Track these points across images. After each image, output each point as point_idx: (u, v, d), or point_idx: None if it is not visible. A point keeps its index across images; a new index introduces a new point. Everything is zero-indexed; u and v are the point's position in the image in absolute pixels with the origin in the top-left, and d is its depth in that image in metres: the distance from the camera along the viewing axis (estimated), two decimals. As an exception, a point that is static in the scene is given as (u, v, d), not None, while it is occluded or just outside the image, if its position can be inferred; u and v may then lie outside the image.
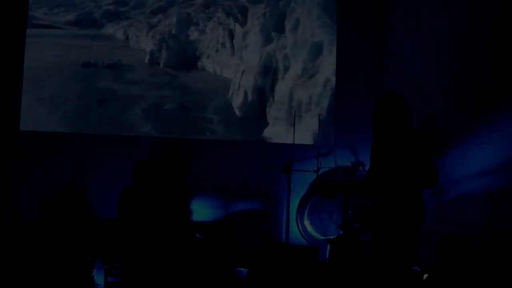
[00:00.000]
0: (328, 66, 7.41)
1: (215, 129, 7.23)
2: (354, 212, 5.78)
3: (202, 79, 7.37)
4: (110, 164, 6.69)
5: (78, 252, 5.87)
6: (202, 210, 6.83)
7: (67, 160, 6.73)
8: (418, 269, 5.48)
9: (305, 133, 7.18)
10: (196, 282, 5.66)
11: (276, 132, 7.24)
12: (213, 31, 7.46)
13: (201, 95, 7.30)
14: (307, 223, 6.84)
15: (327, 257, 5.63)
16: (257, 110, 7.35)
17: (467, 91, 5.77)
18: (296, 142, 6.85)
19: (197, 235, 6.24)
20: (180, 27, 7.40)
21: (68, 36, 7.17)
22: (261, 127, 7.31)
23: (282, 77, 7.41)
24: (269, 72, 7.42)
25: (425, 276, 4.84)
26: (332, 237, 6.15)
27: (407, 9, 6.99)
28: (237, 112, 7.33)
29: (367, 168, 6.40)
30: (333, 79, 7.35)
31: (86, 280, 5.56)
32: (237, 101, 7.35)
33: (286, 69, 7.41)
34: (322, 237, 6.70)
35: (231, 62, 7.42)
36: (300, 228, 6.87)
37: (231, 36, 7.46)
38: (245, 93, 7.35)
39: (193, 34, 7.44)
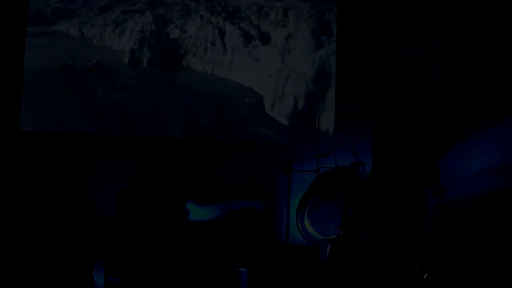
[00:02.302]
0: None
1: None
2: (354, 212, 5.78)
3: (200, 80, 7.09)
4: (110, 164, 6.70)
5: (78, 252, 5.87)
6: (202, 210, 6.83)
7: (67, 160, 6.73)
8: (418, 269, 5.48)
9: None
10: (196, 282, 5.66)
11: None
12: (200, 30, 7.12)
13: (221, 101, 6.96)
14: (307, 223, 6.84)
15: (327, 257, 5.63)
16: (307, 118, 6.95)
17: (468, 91, 5.77)
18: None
19: None
20: (158, 25, 7.08)
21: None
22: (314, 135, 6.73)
23: (335, 83, 7.03)
24: (321, 78, 7.06)
25: (425, 275, 4.85)
26: (332, 237, 6.14)
27: (409, 9, 6.98)
28: (284, 121, 6.90)
29: (367, 168, 6.42)
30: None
31: (86, 280, 5.56)
32: (282, 109, 6.94)
33: None
34: (322, 237, 6.70)
35: (224, 61, 7.11)
36: (300, 228, 6.87)
37: (222, 34, 7.15)
38: (295, 100, 6.92)
39: (174, 32, 7.11)
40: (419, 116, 5.88)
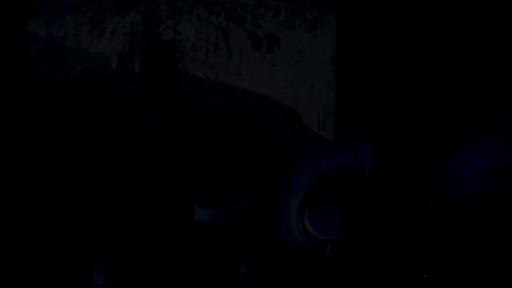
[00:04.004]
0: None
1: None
2: (354, 212, 5.78)
3: (209, 89, 6.58)
4: (110, 164, 6.70)
5: (78, 252, 5.88)
6: (202, 210, 6.83)
7: (67, 160, 6.74)
8: (418, 269, 5.49)
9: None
10: (196, 282, 5.66)
11: None
12: (200, 31, 6.58)
13: (252, 121, 6.42)
14: (307, 223, 6.84)
15: (327, 257, 5.64)
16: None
17: (468, 91, 5.78)
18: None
19: None
20: (149, 26, 6.52)
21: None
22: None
23: (335, 83, 6.59)
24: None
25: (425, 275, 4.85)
26: (332, 237, 6.15)
27: (410, 9, 6.98)
28: (334, 138, 6.39)
29: (367, 168, 6.42)
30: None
31: (86, 280, 5.56)
32: (331, 125, 6.49)
33: None
34: (322, 237, 6.70)
35: (230, 66, 6.59)
36: (300, 228, 6.87)
37: (226, 36, 6.62)
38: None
39: (167, 34, 6.55)
40: (419, 116, 5.89)
